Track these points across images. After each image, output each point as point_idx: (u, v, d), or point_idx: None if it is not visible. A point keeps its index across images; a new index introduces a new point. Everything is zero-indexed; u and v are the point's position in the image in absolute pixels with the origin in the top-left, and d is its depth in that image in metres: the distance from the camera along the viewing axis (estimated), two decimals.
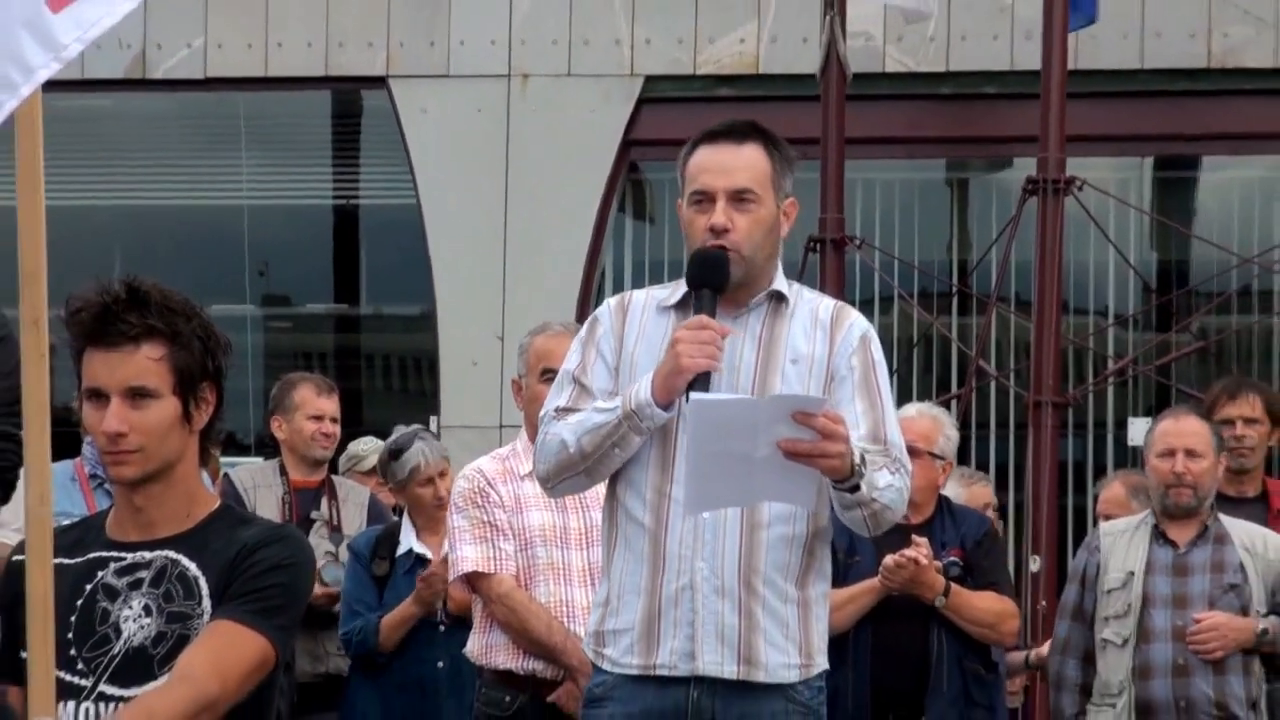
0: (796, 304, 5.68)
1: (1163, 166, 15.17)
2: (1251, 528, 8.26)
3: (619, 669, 5.56)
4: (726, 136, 5.66)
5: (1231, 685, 7.95)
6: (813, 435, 5.25)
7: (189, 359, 4.45)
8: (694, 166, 5.65)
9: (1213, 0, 14.19)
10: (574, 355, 5.70)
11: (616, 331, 5.65)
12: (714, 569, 5.48)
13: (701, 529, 5.48)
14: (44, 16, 4.11)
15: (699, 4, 14.52)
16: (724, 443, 5.29)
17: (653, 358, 5.53)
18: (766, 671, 5.51)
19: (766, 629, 5.51)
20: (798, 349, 5.60)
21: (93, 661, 4.41)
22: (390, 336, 15.80)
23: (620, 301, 5.74)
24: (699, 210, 5.59)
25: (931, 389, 14.13)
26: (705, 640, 5.48)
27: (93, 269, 9.20)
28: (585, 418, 5.51)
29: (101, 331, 4.42)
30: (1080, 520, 13.66)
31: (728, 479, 5.35)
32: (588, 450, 5.50)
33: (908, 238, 14.74)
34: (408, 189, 14.64)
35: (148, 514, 4.49)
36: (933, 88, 14.41)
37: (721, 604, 5.48)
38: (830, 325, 5.65)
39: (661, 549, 5.52)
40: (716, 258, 5.51)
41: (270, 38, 14.68)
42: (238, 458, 12.50)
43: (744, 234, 5.56)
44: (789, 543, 5.55)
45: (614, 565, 5.61)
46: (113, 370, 4.42)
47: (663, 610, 5.50)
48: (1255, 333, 14.56)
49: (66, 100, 13.84)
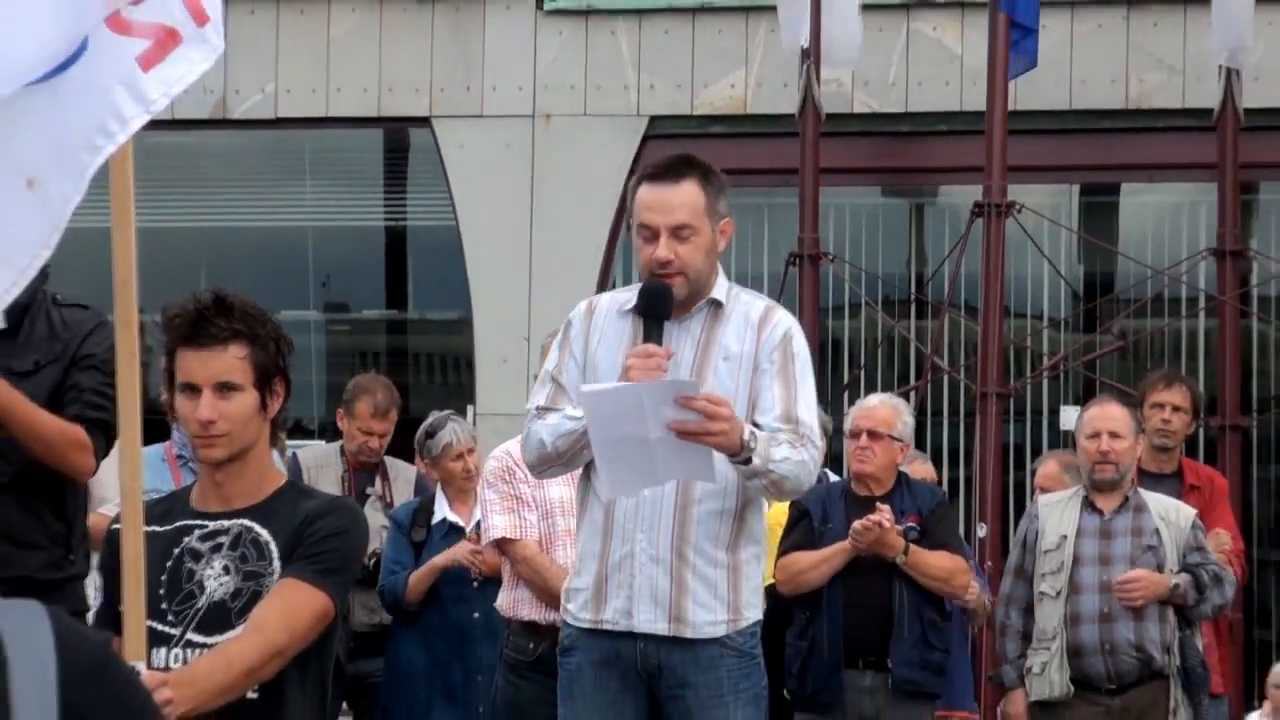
0: (733, 308, 5.66)
1: (1088, 192, 15.16)
2: (1166, 500, 8.26)
3: (577, 622, 5.60)
4: (664, 176, 5.62)
5: (1149, 630, 7.95)
6: (695, 416, 5.25)
7: (266, 358, 4.47)
8: (639, 204, 5.62)
9: (1130, 51, 14.19)
10: (553, 356, 5.73)
11: (584, 333, 5.65)
12: (650, 540, 5.50)
13: (643, 505, 5.50)
14: (137, 76, 4.13)
15: (695, 55, 14.51)
16: (620, 428, 5.28)
17: (611, 357, 5.54)
18: (694, 629, 5.52)
19: (695, 591, 5.52)
20: (729, 348, 5.59)
21: (181, 613, 4.41)
22: (433, 338, 15.79)
23: (589, 305, 5.74)
24: (645, 241, 5.57)
25: (893, 382, 14.11)
26: (641, 602, 5.50)
27: (180, 282, 9.20)
28: (559, 423, 5.53)
29: (194, 334, 4.43)
30: (1020, 493, 13.64)
31: (633, 462, 5.34)
32: (562, 450, 5.53)
33: (873, 253, 14.73)
34: (448, 212, 14.63)
35: (227, 488, 4.50)
36: (894, 126, 14.40)
37: (656, 570, 5.50)
38: (758, 325, 5.64)
39: (611, 521, 5.54)
40: (661, 292, 5.51)
41: (331, 84, 14.68)
42: (304, 440, 12.49)
43: (684, 261, 5.54)
44: (720, 516, 5.55)
45: (580, 533, 5.67)
46: (204, 367, 4.42)
47: (609, 574, 5.53)
48: (1166, 334, 14.54)
49: (158, 137, 13.83)
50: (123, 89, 4.12)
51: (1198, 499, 8.75)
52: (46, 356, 5.81)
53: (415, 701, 8.43)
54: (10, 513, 5.77)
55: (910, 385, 13.98)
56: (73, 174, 4.13)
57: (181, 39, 4.18)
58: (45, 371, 5.79)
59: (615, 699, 5.54)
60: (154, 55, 4.15)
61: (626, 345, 5.54)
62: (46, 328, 5.85)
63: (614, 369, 5.51)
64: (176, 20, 4.18)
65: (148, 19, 4.16)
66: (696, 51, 14.51)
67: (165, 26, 4.17)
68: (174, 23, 4.17)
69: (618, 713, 5.54)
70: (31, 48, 4.06)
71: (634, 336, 5.56)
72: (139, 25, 4.15)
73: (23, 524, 5.79)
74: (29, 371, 5.75)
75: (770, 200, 14.42)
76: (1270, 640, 14.64)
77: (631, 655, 5.51)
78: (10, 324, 5.79)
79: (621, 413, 5.28)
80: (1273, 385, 14.54)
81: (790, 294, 13.33)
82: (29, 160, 4.08)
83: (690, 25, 14.60)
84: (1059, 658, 7.98)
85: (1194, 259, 13.96)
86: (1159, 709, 7.94)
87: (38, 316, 5.84)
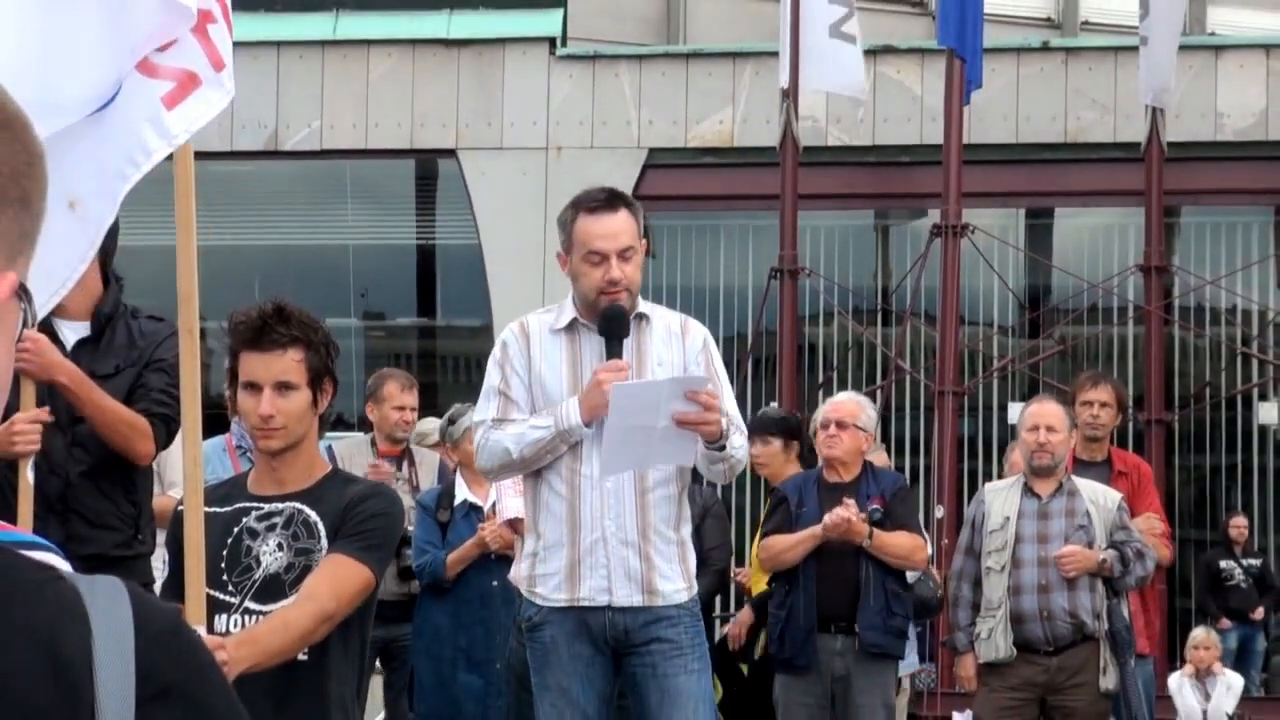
0: (655, 321, 5.71)
1: (1032, 215, 15.21)
2: (1096, 485, 8.28)
3: (549, 602, 5.61)
4: (604, 207, 5.65)
5: (1081, 599, 7.97)
6: (696, 409, 5.35)
7: (318, 360, 4.47)
8: (585, 233, 5.61)
9: (1069, 92, 14.23)
10: (495, 373, 5.68)
11: (524, 352, 5.64)
12: (619, 526, 5.54)
13: (606, 496, 5.54)
14: (160, 113, 4.14)
15: (689, 95, 14.55)
16: (635, 418, 5.35)
17: (556, 374, 5.58)
18: (664, 598, 5.58)
19: (660, 566, 5.57)
20: (660, 355, 5.64)
21: (240, 584, 4.42)
22: (459, 342, 15.82)
23: (522, 326, 5.72)
24: (593, 266, 5.58)
25: (862, 382, 14.15)
26: (617, 580, 5.54)
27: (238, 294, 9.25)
28: (524, 433, 5.53)
29: (257, 339, 4.43)
30: (973, 480, 13.68)
31: (633, 448, 5.42)
32: (528, 457, 5.54)
33: (844, 269, 14.76)
34: (471, 232, 14.67)
35: (280, 474, 4.51)
36: (862, 157, 14.44)
37: (627, 552, 5.54)
38: (681, 334, 5.69)
39: (577, 513, 5.56)
40: (619, 315, 5.55)
41: (370, 120, 14.71)
42: (345, 433, 12.51)
43: (630, 279, 5.59)
44: (669, 500, 5.61)
45: (539, 525, 5.64)
46: (266, 368, 4.42)
47: (581, 558, 5.55)
48: (1100, 340, 14.58)
49: (218, 166, 13.89)
50: (148, 125, 4.13)
51: (1125, 484, 8.77)
52: (125, 361, 5.86)
53: (441, 659, 8.44)
54: (88, 497, 5.81)
55: (877, 385, 14.02)
56: (108, 198, 4.17)
57: (201, 82, 4.20)
58: (124, 374, 5.83)
59: (589, 662, 5.59)
60: (176, 95, 4.16)
61: (567, 361, 5.60)
62: (126, 336, 5.89)
63: (560, 383, 5.57)
64: (197, 65, 4.19)
65: (172, 64, 4.17)
66: (690, 91, 14.55)
67: (187, 70, 4.18)
68: (195, 67, 4.19)
69: (592, 674, 5.60)
70: (81, 88, 4.10)
71: (571, 353, 5.61)
72: (164, 69, 4.17)
73: (98, 507, 5.83)
74: (110, 374, 5.80)
75: (754, 222, 14.46)
76: (1190, 609, 14.69)
77: (600, 625, 5.56)
78: (94, 332, 5.85)
79: (643, 405, 5.35)
80: (1192, 385, 14.58)
81: (772, 304, 13.38)
82: (72, 184, 4.10)
83: (684, 68, 14.64)
84: (1003, 624, 8.00)
85: (1124, 274, 14.01)
86: (1091, 668, 7.96)
87: (118, 326, 5.89)
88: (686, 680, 5.58)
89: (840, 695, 7.92)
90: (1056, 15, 17.52)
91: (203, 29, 4.21)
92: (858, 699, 7.89)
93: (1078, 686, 7.94)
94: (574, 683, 5.60)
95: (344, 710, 4.46)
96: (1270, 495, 14.85)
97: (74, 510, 5.80)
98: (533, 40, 14.63)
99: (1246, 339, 14.45)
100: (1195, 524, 15.07)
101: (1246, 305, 14.50)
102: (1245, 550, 14.80)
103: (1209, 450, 14.76)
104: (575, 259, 5.64)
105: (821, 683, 7.93)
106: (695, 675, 5.61)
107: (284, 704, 4.34)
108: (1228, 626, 14.42)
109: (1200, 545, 15.00)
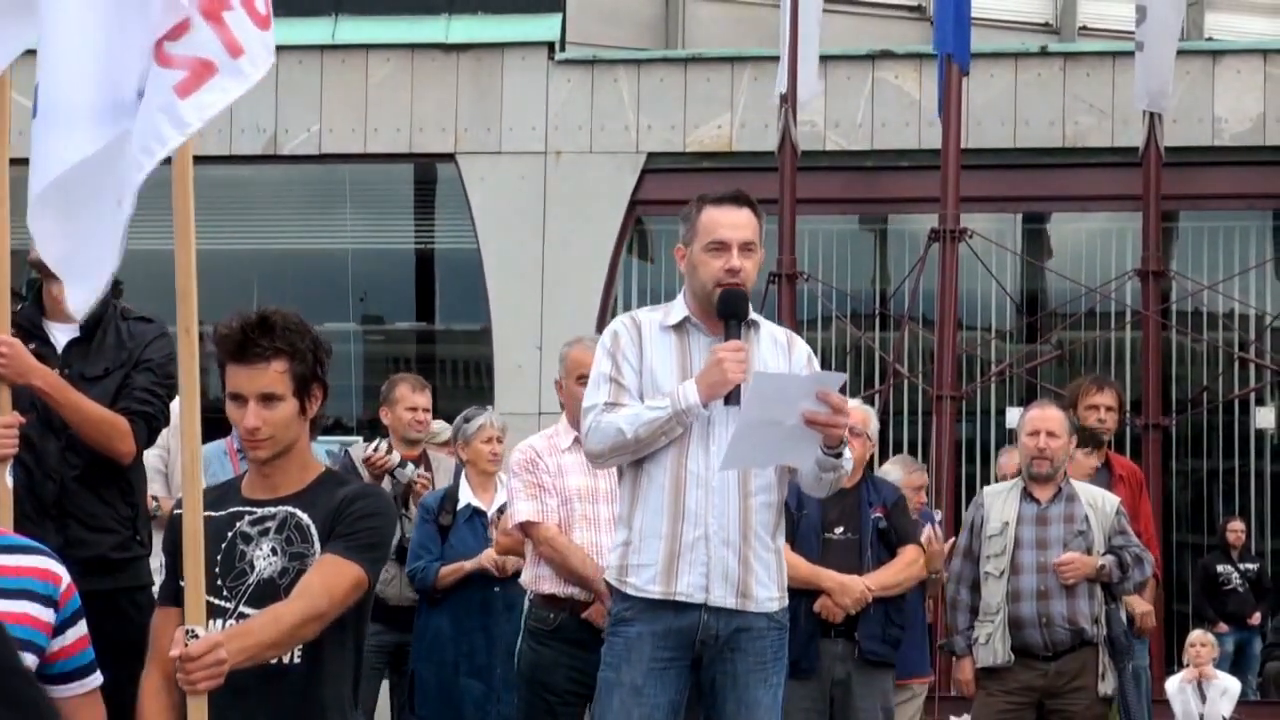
0: (762, 330, 5.68)
1: (1030, 220, 15.17)
2: (1094, 489, 8.25)
3: (642, 594, 5.51)
4: (733, 201, 5.62)
5: (1080, 605, 7.94)
6: (826, 410, 5.31)
7: (304, 368, 4.45)
8: (711, 222, 5.57)
9: (1066, 97, 14.20)
10: (605, 361, 5.61)
11: (635, 342, 5.59)
12: (721, 525, 5.46)
13: (711, 494, 5.47)
14: (175, 103, 4.12)
15: (687, 99, 14.52)
16: (770, 411, 5.27)
17: (666, 367, 5.52)
18: (756, 603, 5.51)
19: (757, 572, 5.50)
20: (768, 362, 5.59)
21: (234, 589, 4.40)
22: (457, 346, 15.78)
23: (633, 319, 5.68)
24: (715, 255, 5.54)
25: (860, 386, 14.12)
26: (714, 579, 5.46)
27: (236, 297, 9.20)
28: (638, 413, 5.46)
29: (240, 352, 4.41)
30: (971, 484, 13.66)
31: (760, 442, 5.33)
32: (643, 437, 5.44)
33: (843, 273, 14.73)
34: (470, 237, 14.63)
35: (273, 479, 4.50)
36: (860, 161, 14.41)
37: (727, 552, 5.47)
38: (787, 346, 5.68)
39: (680, 506, 5.48)
40: (740, 295, 5.51)
41: (369, 124, 14.68)
42: (344, 436, 12.46)
43: (749, 275, 5.57)
44: (769, 507, 5.54)
45: (635, 516, 5.56)
46: (250, 380, 4.41)
47: (681, 552, 5.47)
48: (1097, 344, 14.56)
49: (217, 170, 13.86)
50: (162, 114, 4.11)
51: (1124, 489, 8.74)
52: (114, 363, 5.83)
53: (443, 665, 8.41)
54: (84, 501, 5.79)
55: (875, 389, 14.00)
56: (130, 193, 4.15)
57: (217, 70, 4.17)
58: (113, 376, 5.81)
59: (665, 665, 5.50)
60: (190, 84, 4.13)
61: (676, 359, 5.55)
62: (115, 337, 5.87)
63: (670, 377, 5.51)
64: (212, 53, 4.16)
65: (185, 53, 4.15)
66: (688, 96, 14.52)
67: (201, 59, 4.15)
68: (210, 55, 4.16)
69: (668, 678, 5.50)
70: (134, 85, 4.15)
71: (681, 352, 5.56)
72: (179, 59, 4.14)
73: (95, 510, 5.80)
74: (99, 376, 5.78)
75: None
76: (1187, 612, 14.66)
77: (692, 625, 5.48)
78: (85, 333, 5.82)
79: (780, 397, 5.28)
80: (1190, 389, 14.55)
81: (770, 309, 13.34)
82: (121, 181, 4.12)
83: (683, 73, 14.61)
84: (1002, 629, 7.97)
85: (1121, 279, 13.97)
86: (1089, 673, 7.93)
87: (109, 327, 5.87)
88: (764, 693, 5.53)
89: (839, 699, 7.88)
90: (1054, 20, 17.48)
91: (218, 15, 4.18)
92: (857, 703, 7.85)
93: (1076, 691, 7.92)
94: (650, 683, 5.51)
95: (341, 711, 4.43)
96: (1267, 499, 14.82)
97: (71, 514, 5.77)
98: (531, 45, 14.60)
99: (1244, 344, 14.42)
100: (1192, 528, 15.04)
101: (1244, 310, 14.47)
102: (1242, 554, 14.78)
103: (1206, 455, 14.73)
104: (696, 249, 5.59)
105: (821, 686, 7.89)
106: (774, 689, 5.56)
107: (280, 708, 4.33)
108: (1224, 630, 14.40)
109: (1197, 549, 14.98)
